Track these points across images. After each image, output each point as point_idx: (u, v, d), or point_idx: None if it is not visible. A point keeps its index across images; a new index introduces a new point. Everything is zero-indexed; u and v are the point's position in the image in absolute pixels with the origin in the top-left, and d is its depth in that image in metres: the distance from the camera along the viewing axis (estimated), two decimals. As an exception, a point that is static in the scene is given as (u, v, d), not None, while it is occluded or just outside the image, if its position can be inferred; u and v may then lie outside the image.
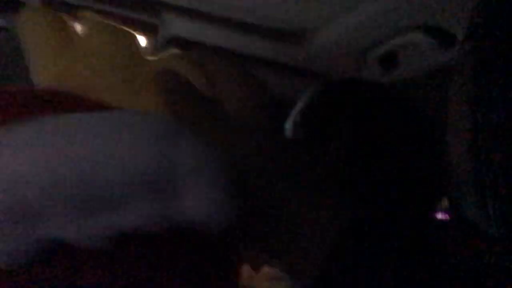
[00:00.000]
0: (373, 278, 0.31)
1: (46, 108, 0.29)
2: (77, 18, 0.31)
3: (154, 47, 0.80)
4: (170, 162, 0.26)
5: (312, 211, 0.35)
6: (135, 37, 0.31)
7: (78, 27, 0.31)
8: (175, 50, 0.31)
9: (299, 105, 0.48)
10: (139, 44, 0.32)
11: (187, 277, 0.28)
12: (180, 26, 0.76)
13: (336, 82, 0.51)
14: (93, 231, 0.26)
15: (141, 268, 0.27)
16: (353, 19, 0.72)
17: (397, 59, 0.78)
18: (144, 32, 0.76)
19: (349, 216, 0.35)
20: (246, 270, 0.62)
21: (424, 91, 0.81)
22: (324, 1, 0.70)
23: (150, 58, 0.32)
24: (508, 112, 0.27)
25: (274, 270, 0.63)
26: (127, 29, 0.32)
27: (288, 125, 0.47)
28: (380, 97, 0.45)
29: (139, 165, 0.26)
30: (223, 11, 0.74)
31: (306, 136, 0.45)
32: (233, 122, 0.30)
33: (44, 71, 0.31)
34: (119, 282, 0.27)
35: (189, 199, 0.27)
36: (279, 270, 0.38)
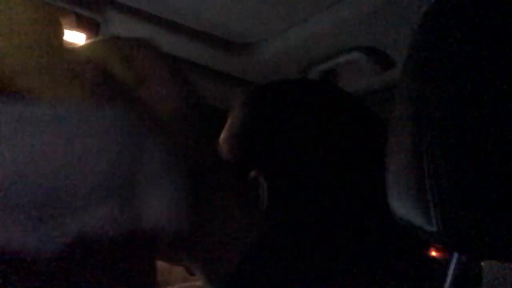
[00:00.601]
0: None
1: None
2: None
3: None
4: (132, 167, 0.26)
5: (229, 220, 0.36)
6: (59, 20, 0.29)
7: None
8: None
9: (240, 97, 0.48)
10: (63, 30, 0.29)
11: (116, 275, 0.27)
12: (122, 26, 0.73)
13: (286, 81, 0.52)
14: (53, 236, 0.24)
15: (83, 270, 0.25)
16: (297, 37, 0.74)
17: (338, 76, 0.81)
18: (84, 29, 0.72)
19: (260, 229, 0.35)
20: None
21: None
22: (271, 16, 0.71)
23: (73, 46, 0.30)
24: (451, 112, 0.29)
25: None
26: (52, 10, 0.30)
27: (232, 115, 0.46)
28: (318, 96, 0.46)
29: (101, 170, 0.25)
30: (170, 15, 0.73)
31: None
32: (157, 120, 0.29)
33: None
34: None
35: (149, 205, 0.26)
36: (196, 271, 0.37)
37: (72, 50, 0.30)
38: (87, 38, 0.73)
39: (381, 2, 0.62)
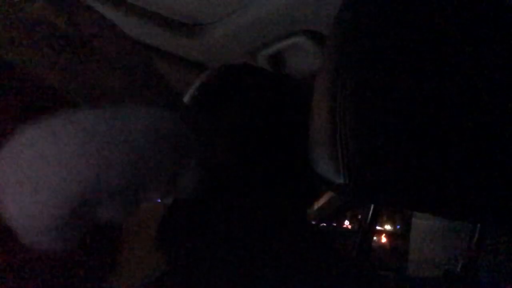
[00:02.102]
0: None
1: None
2: None
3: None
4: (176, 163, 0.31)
5: None
6: None
7: None
8: None
9: (198, 81, 0.51)
10: None
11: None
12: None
13: (232, 66, 0.55)
14: (127, 211, 0.30)
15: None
16: (243, 20, 0.77)
17: (284, 60, 0.85)
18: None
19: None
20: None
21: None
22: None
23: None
24: (360, 81, 0.33)
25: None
26: None
27: (186, 98, 0.50)
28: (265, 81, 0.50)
29: (160, 164, 0.30)
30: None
31: (200, 109, 0.48)
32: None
33: None
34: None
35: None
36: None
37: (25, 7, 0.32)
38: None
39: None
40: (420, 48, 0.32)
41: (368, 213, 0.34)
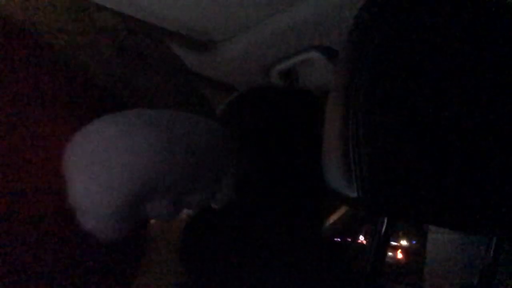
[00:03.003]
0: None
1: None
2: None
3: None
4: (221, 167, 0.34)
5: None
6: None
7: None
8: None
9: (226, 100, 0.54)
10: None
11: None
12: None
13: (258, 87, 0.57)
14: (173, 211, 0.32)
15: None
16: (257, 36, 0.78)
17: (297, 74, 0.86)
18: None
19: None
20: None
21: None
22: (234, 14, 0.75)
23: None
24: (370, 103, 0.33)
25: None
26: None
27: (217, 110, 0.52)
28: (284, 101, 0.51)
29: (209, 167, 0.33)
30: (135, 12, 0.76)
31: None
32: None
33: None
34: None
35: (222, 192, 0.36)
36: None
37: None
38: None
39: (337, 4, 0.67)
40: (432, 64, 0.33)
41: (382, 227, 0.34)
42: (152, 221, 0.40)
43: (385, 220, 0.36)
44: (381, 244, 0.36)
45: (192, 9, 0.74)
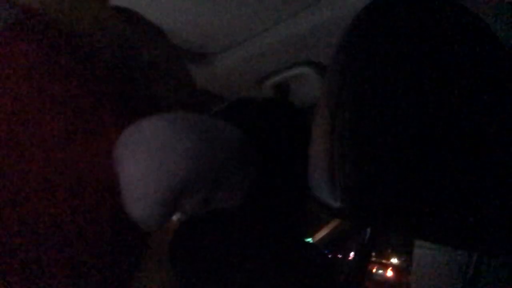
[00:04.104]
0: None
1: None
2: None
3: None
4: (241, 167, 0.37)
5: None
6: None
7: None
8: None
9: (214, 109, 0.55)
10: None
11: None
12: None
13: (244, 98, 0.58)
14: (204, 206, 0.35)
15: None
16: (251, 50, 0.80)
17: (289, 88, 0.87)
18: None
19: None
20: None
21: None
22: (229, 28, 0.76)
23: None
24: (353, 113, 0.34)
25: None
26: None
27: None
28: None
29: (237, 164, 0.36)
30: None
31: None
32: None
33: None
34: None
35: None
36: None
37: None
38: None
39: (328, 21, 0.68)
40: (416, 76, 0.34)
41: (365, 239, 0.35)
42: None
43: (368, 232, 0.37)
44: (363, 256, 0.36)
45: (188, 21, 0.75)
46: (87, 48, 0.34)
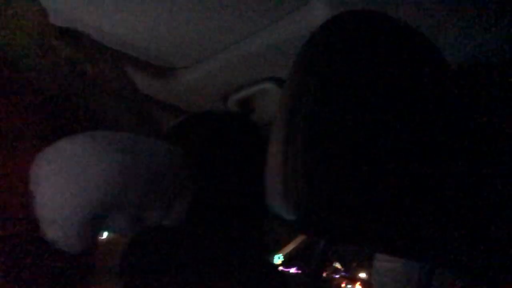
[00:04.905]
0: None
1: None
2: None
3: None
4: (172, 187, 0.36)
5: None
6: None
7: None
8: None
9: (169, 125, 0.55)
10: None
11: None
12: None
13: (199, 113, 0.58)
14: (131, 226, 0.34)
15: None
16: (215, 65, 0.80)
17: (254, 104, 0.88)
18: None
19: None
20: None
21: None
22: (194, 43, 0.77)
23: None
24: (306, 129, 0.35)
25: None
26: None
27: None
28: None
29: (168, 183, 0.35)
30: (96, 35, 0.76)
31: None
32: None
33: None
34: None
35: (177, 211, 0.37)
36: None
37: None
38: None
39: (291, 38, 0.70)
40: (367, 93, 0.35)
41: (318, 250, 0.35)
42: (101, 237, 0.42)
43: (321, 243, 0.37)
44: (319, 260, 0.37)
45: (152, 36, 0.75)
46: (20, 71, 0.33)
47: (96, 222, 0.32)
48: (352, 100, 0.35)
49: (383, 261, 0.66)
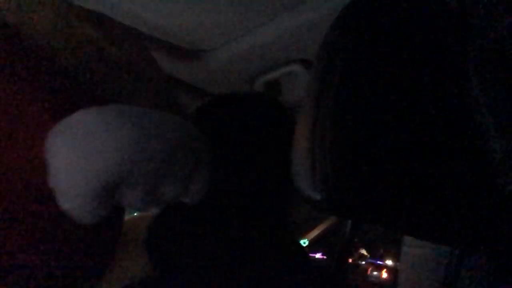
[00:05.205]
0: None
1: None
2: None
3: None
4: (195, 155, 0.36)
5: None
6: None
7: None
8: None
9: (198, 103, 0.55)
10: None
11: None
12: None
13: (227, 93, 0.58)
14: (145, 201, 0.34)
15: None
16: (243, 47, 0.80)
17: (281, 86, 0.87)
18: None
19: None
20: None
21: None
22: (221, 25, 0.76)
23: None
24: (334, 110, 0.34)
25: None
26: None
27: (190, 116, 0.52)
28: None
29: (185, 159, 0.35)
30: (121, 18, 0.77)
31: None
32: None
33: None
34: None
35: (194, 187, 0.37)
36: None
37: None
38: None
39: (320, 20, 0.68)
40: (397, 74, 0.34)
41: (346, 230, 0.34)
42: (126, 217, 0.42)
43: (349, 223, 0.37)
44: (344, 245, 0.36)
45: (180, 18, 0.75)
46: (40, 50, 0.33)
47: (109, 195, 0.32)
48: (379, 81, 0.34)
49: (412, 247, 0.64)
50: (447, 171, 0.32)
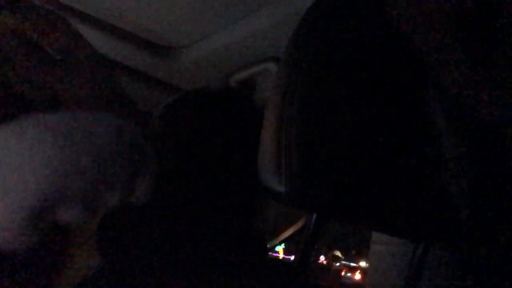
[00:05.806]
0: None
1: None
2: None
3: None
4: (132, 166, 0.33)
5: None
6: None
7: None
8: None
9: (166, 102, 0.53)
10: None
11: None
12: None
13: (197, 89, 0.57)
14: (87, 214, 0.31)
15: None
16: (217, 44, 0.79)
17: (255, 83, 0.87)
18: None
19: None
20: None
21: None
22: (195, 21, 0.76)
23: None
24: (299, 104, 0.34)
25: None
26: None
27: (153, 118, 0.51)
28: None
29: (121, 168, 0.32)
30: (96, 13, 0.76)
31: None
32: None
33: None
34: None
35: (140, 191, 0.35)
36: None
37: None
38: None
39: (293, 18, 0.69)
40: (357, 72, 0.35)
41: (311, 224, 0.34)
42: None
43: (314, 217, 0.37)
44: (309, 240, 0.37)
45: (155, 14, 0.75)
46: None
47: (40, 220, 0.29)
48: (343, 78, 0.34)
49: (377, 244, 0.65)
50: (403, 167, 0.33)
